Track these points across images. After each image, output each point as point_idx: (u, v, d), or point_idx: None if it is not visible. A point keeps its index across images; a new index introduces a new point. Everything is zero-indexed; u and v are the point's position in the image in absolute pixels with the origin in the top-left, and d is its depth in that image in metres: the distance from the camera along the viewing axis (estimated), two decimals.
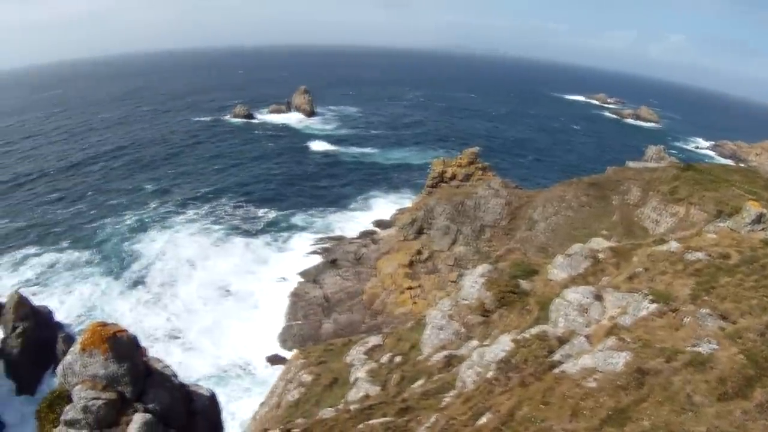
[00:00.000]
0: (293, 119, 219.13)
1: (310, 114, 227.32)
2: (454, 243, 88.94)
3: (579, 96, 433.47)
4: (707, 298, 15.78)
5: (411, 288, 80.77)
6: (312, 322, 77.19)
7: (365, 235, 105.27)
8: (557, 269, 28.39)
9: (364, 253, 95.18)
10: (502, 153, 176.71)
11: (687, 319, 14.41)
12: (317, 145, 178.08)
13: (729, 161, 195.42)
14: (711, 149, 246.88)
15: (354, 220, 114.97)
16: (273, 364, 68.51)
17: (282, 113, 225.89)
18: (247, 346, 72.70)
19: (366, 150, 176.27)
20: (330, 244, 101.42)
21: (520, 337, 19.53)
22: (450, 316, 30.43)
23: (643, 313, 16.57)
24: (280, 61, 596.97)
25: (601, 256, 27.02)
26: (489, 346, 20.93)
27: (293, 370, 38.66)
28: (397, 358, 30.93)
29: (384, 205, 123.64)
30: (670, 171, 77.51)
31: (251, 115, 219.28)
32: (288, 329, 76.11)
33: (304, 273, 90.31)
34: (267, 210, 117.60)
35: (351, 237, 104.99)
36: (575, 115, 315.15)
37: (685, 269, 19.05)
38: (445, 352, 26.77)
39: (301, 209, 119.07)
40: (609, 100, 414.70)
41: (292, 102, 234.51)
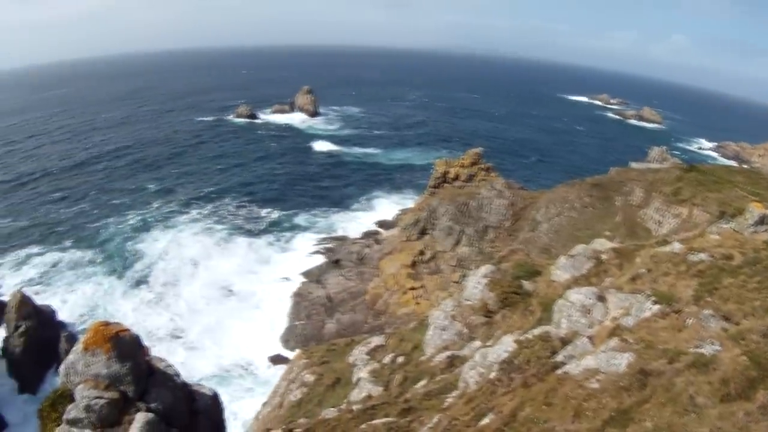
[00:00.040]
0: (296, 119, 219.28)
1: (313, 114, 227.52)
2: (457, 244, 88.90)
3: (582, 97, 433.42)
4: (710, 300, 15.76)
5: (414, 288, 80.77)
6: (315, 322, 77.24)
7: (368, 235, 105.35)
8: (560, 270, 28.32)
9: (367, 254, 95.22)
10: (505, 154, 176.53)
11: (690, 321, 14.38)
12: (320, 146, 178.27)
13: (732, 162, 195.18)
14: (714, 150, 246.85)
15: (357, 220, 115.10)
16: (275, 364, 68.58)
17: (285, 113, 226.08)
18: (249, 346, 72.77)
19: (369, 150, 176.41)
20: (333, 244, 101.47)
21: (522, 337, 19.53)
22: (453, 316, 30.42)
23: (646, 314, 16.54)
24: (283, 62, 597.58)
25: (604, 257, 26.94)
26: (492, 346, 20.92)
27: (296, 370, 38.68)
28: (400, 359, 30.93)
29: (387, 205, 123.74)
30: (673, 172, 77.45)
31: (254, 115, 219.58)
32: (291, 329, 76.18)
33: (307, 273, 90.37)
34: (270, 210, 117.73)
35: (354, 237, 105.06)
36: (578, 116, 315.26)
37: (688, 270, 19.02)
38: (447, 353, 26.74)
39: (304, 209, 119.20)
40: (612, 100, 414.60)
41: (295, 102, 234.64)
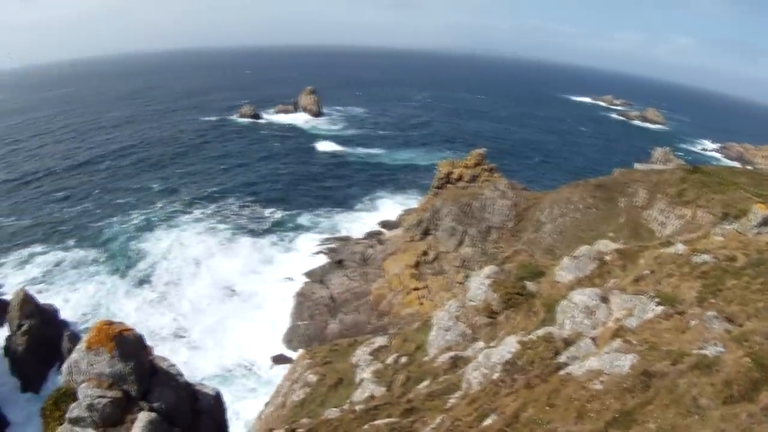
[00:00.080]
0: (300, 119, 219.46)
1: (317, 114, 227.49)
2: (461, 244, 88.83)
3: (586, 97, 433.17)
4: (714, 301, 15.76)
5: (417, 289, 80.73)
6: (318, 322, 77.25)
7: (372, 235, 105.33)
8: (564, 271, 28.32)
9: (371, 254, 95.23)
10: (509, 154, 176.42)
11: (693, 322, 14.37)
12: (324, 146, 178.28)
13: (735, 163, 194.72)
14: (718, 151, 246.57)
15: (360, 220, 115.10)
16: (278, 364, 68.58)
17: (289, 113, 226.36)
18: (252, 345, 72.81)
19: (373, 151, 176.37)
20: (336, 244, 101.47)
21: (526, 338, 19.51)
22: (456, 317, 30.38)
23: (650, 315, 16.54)
24: (286, 62, 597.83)
25: (608, 258, 26.93)
26: (495, 347, 20.92)
27: (299, 370, 38.66)
28: (403, 359, 30.88)
29: (390, 205, 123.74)
30: (677, 173, 77.32)
31: (258, 115, 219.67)
32: (294, 329, 76.19)
33: (310, 273, 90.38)
34: (273, 210, 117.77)
35: (357, 237, 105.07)
36: (582, 117, 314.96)
37: (691, 272, 19.01)
38: (450, 354, 26.69)
39: (308, 209, 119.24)
40: (616, 101, 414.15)
41: (298, 102, 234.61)
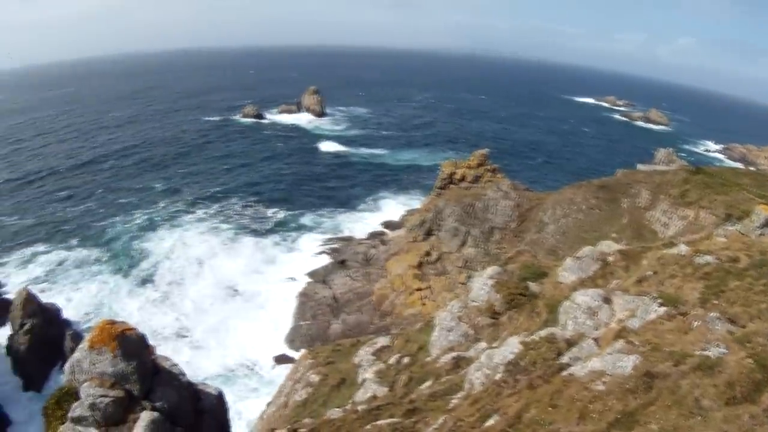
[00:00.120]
0: (303, 120, 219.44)
1: (320, 114, 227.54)
2: (464, 245, 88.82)
3: (589, 98, 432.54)
4: (716, 302, 15.73)
5: (420, 289, 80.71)
6: (320, 322, 77.27)
7: (374, 236, 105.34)
8: (567, 272, 28.28)
9: (374, 254, 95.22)
10: (512, 155, 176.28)
11: (696, 323, 14.35)
12: (327, 146, 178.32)
13: (739, 164, 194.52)
14: (721, 152, 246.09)
15: (363, 220, 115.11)
16: (280, 364, 68.64)
17: (292, 113, 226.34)
18: (254, 345, 72.88)
19: (376, 151, 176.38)
20: (339, 244, 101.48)
21: (528, 339, 19.48)
22: (459, 317, 30.35)
23: (652, 316, 16.50)
24: (289, 62, 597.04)
25: (611, 259, 26.89)
26: (497, 348, 20.89)
27: (301, 370, 38.66)
28: (405, 360, 30.85)
29: (393, 206, 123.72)
30: (680, 174, 77.26)
31: (261, 115, 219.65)
32: (296, 329, 76.22)
33: (313, 273, 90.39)
34: (276, 210, 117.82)
35: (360, 238, 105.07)
36: (585, 118, 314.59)
37: (694, 273, 18.97)
38: (453, 354, 26.67)
39: (311, 209, 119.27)
40: (619, 102, 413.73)
41: (301, 102, 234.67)
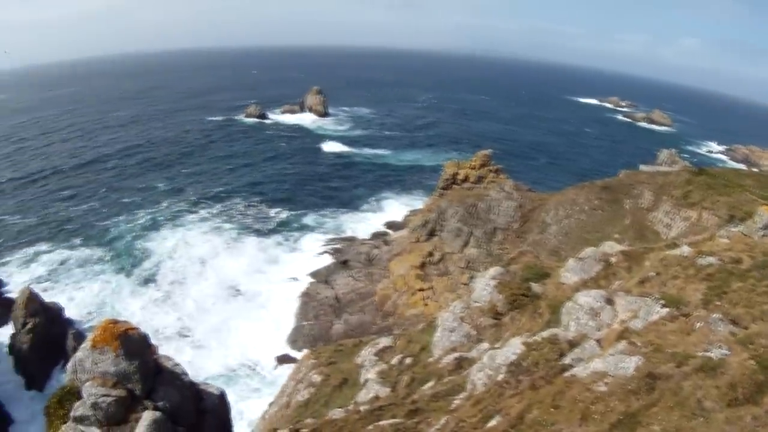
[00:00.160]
0: (306, 120, 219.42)
1: (323, 114, 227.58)
2: (466, 245, 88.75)
3: (592, 99, 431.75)
4: (719, 303, 15.71)
5: (422, 290, 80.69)
6: (323, 322, 77.28)
7: (377, 236, 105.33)
8: (569, 272, 28.27)
9: (376, 255, 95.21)
10: (515, 156, 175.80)
11: (698, 324, 14.34)
12: (330, 146, 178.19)
13: (741, 165, 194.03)
14: (723, 153, 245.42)
15: (366, 221, 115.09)
16: (282, 364, 68.68)
17: (295, 113, 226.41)
18: (256, 345, 72.91)
19: (379, 151, 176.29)
20: (341, 244, 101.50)
21: (531, 340, 19.50)
22: (461, 318, 30.37)
23: (655, 317, 16.50)
24: (292, 62, 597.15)
25: (613, 259, 26.87)
26: (500, 348, 20.92)
27: (303, 370, 38.71)
28: (408, 360, 30.90)
29: (396, 206, 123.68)
30: (683, 175, 77.12)
31: (264, 115, 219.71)
32: (298, 329, 76.23)
33: (315, 273, 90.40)
34: (279, 210, 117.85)
35: (363, 238, 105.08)
36: (588, 118, 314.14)
37: (697, 274, 18.96)
38: (455, 355, 26.69)
39: (313, 210, 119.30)
40: (622, 103, 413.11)
41: (305, 102, 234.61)
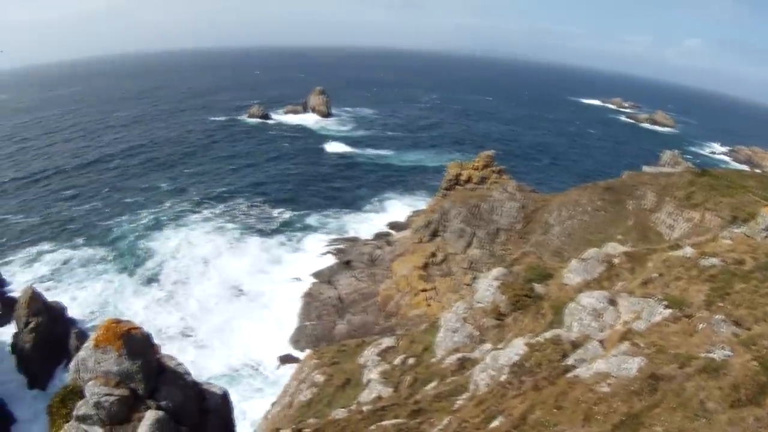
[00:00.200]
0: (309, 120, 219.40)
1: (326, 115, 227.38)
2: (469, 246, 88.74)
3: (595, 100, 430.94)
4: (722, 305, 15.70)
5: (425, 290, 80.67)
6: (325, 322, 77.30)
7: (380, 236, 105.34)
8: (572, 273, 28.25)
9: (379, 255, 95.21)
10: (518, 156, 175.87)
11: (701, 325, 14.34)
12: (333, 147, 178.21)
13: (744, 166, 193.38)
14: (726, 154, 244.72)
15: (369, 221, 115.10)
16: (285, 364, 68.67)
17: (298, 114, 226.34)
18: (259, 345, 72.92)
19: (382, 152, 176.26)
20: (344, 245, 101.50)
21: (533, 340, 19.50)
22: (464, 318, 30.36)
23: (658, 318, 16.50)
24: (295, 62, 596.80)
25: (616, 260, 26.85)
26: (503, 349, 20.92)
27: (306, 370, 38.71)
28: (410, 360, 30.87)
29: (399, 207, 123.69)
30: (686, 176, 76.98)
31: (267, 116, 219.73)
32: (301, 329, 76.25)
33: (318, 273, 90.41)
34: (282, 210, 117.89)
35: (365, 238, 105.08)
36: (591, 119, 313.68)
37: (699, 275, 18.94)
38: (458, 355, 26.67)
39: (316, 210, 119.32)
40: (625, 104, 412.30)
41: (308, 103, 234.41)
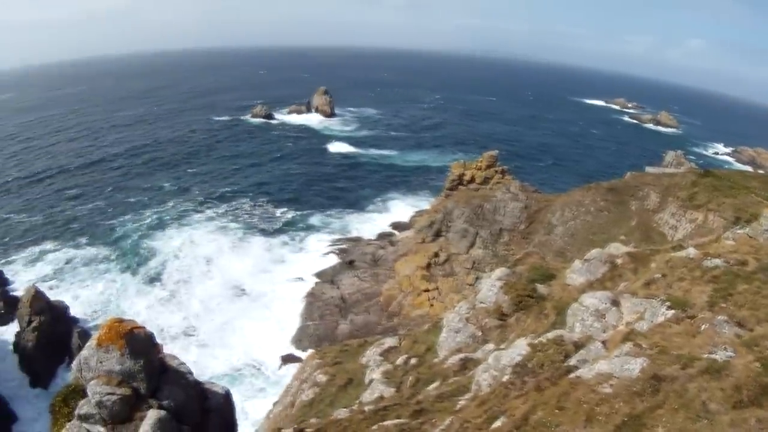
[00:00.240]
0: (313, 120, 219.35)
1: (330, 115, 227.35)
2: (472, 246, 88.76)
3: (598, 100, 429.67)
4: (724, 305, 15.68)
5: (428, 290, 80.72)
6: (328, 322, 77.33)
7: (383, 236, 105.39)
8: (575, 274, 28.25)
9: (382, 255, 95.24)
10: (521, 157, 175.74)
11: (704, 326, 14.32)
12: (336, 147, 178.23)
13: (747, 167, 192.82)
14: (730, 155, 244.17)
15: (372, 221, 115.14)
16: (287, 364, 68.72)
17: (302, 114, 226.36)
18: (261, 345, 73.03)
19: (385, 152, 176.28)
20: (347, 245, 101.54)
21: (536, 341, 19.47)
22: (467, 319, 30.34)
23: (660, 319, 16.48)
24: (299, 62, 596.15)
25: (619, 261, 26.83)
26: (505, 349, 20.90)
27: (308, 369, 38.72)
28: (413, 360, 30.88)
29: (402, 207, 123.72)
30: (689, 177, 76.93)
31: (271, 116, 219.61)
32: (304, 329, 76.29)
33: (321, 273, 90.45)
34: (285, 210, 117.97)
35: (368, 238, 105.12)
36: (594, 120, 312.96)
37: (702, 276, 18.90)
38: (460, 355, 26.67)
39: (319, 210, 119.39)
40: (628, 104, 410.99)
41: (311, 103, 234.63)
